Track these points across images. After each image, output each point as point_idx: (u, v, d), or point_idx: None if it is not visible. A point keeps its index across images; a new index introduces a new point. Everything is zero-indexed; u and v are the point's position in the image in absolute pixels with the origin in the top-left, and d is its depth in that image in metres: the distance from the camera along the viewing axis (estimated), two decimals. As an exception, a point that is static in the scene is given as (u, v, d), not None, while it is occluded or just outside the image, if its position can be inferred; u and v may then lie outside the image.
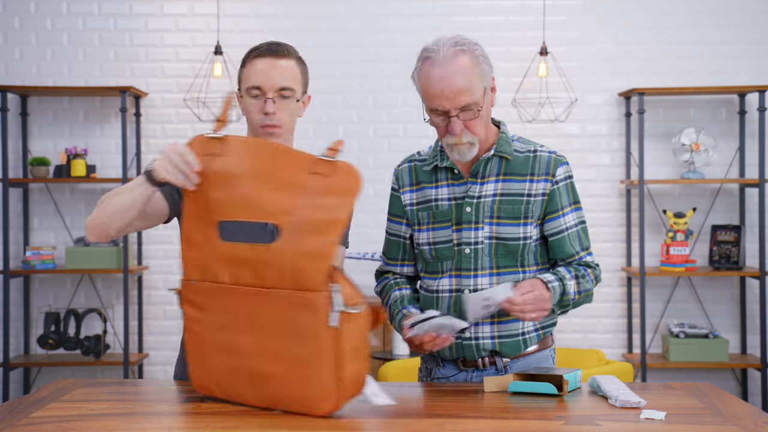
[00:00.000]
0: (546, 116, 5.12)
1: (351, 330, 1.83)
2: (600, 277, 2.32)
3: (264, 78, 2.28)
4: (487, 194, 2.24)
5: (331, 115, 5.19)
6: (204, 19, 5.16)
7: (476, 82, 2.14)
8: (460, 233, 2.25)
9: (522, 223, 2.23)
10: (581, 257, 2.29)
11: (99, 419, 1.85)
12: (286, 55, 2.32)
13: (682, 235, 4.90)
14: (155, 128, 5.18)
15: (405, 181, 2.37)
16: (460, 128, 2.16)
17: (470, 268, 2.24)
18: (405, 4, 5.18)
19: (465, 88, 2.13)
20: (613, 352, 5.14)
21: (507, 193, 2.24)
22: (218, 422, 1.82)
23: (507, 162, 2.26)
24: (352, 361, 1.83)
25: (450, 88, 2.12)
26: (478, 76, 2.15)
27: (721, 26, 5.12)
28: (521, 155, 2.27)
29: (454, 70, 2.13)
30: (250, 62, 2.30)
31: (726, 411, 1.92)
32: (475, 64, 2.15)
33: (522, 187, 2.24)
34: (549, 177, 2.25)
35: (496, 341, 2.24)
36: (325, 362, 1.82)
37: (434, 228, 2.29)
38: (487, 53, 2.21)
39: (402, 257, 2.41)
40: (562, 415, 1.89)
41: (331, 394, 1.83)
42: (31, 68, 5.15)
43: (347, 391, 1.85)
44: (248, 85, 2.29)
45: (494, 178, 2.25)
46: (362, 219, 5.12)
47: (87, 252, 4.89)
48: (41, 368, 5.15)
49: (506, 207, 2.23)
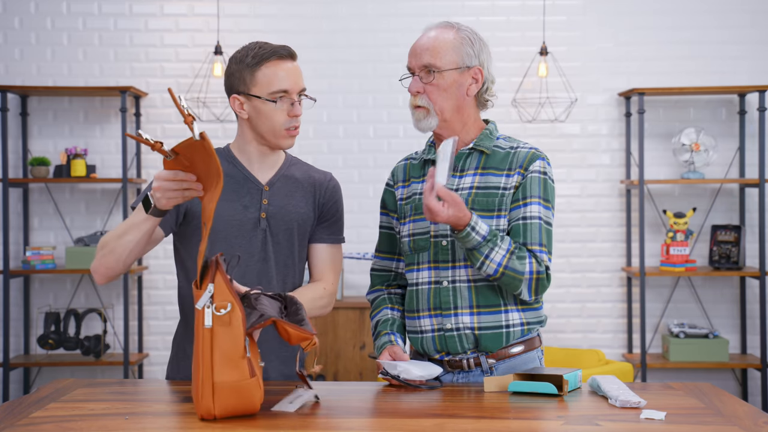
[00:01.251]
0: (546, 116, 5.12)
1: (224, 334, 1.82)
2: (543, 281, 2.20)
3: (292, 81, 2.30)
4: (464, 187, 2.27)
5: (331, 115, 5.19)
6: (204, 19, 5.16)
7: (447, 52, 2.24)
8: (437, 225, 2.27)
9: (495, 216, 2.24)
10: (533, 249, 2.21)
11: (99, 419, 1.85)
12: (294, 55, 2.35)
13: (682, 235, 4.90)
14: (155, 128, 5.18)
15: (399, 177, 2.42)
16: (418, 86, 2.26)
17: (448, 260, 2.26)
18: (405, 4, 5.18)
19: (432, 48, 2.24)
20: (613, 352, 5.14)
21: (483, 186, 2.26)
22: (218, 422, 1.82)
23: (486, 157, 2.28)
24: (223, 366, 1.81)
25: (420, 45, 2.26)
26: (453, 49, 2.25)
27: (721, 26, 5.12)
28: (502, 151, 2.29)
29: (432, 34, 2.27)
30: (266, 66, 2.28)
31: (726, 411, 1.92)
32: (457, 38, 2.26)
33: (498, 182, 2.26)
34: (521, 170, 2.25)
35: (476, 332, 2.23)
36: (203, 364, 1.82)
37: (415, 219, 2.32)
38: (481, 46, 2.29)
39: (398, 251, 2.44)
40: (562, 415, 1.89)
41: (206, 397, 1.82)
42: (31, 68, 5.15)
43: (227, 401, 1.82)
44: (273, 90, 2.27)
45: (472, 172, 2.28)
46: (362, 219, 5.13)
47: (87, 252, 4.88)
48: (41, 368, 5.15)
49: (480, 200, 2.24)
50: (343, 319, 4.84)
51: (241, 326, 1.83)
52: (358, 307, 4.83)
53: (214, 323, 1.81)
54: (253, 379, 1.83)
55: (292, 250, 2.37)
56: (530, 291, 2.21)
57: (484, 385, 2.12)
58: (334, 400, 2.05)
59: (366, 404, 2.01)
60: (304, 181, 2.42)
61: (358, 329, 4.83)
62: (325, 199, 2.43)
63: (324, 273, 2.43)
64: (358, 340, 4.83)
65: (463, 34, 2.27)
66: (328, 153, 5.17)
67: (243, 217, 2.33)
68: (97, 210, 5.16)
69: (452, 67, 2.23)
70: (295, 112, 2.31)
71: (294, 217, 2.37)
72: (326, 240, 2.43)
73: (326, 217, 2.43)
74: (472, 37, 2.27)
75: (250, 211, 2.33)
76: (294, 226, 2.36)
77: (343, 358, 4.82)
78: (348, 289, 5.14)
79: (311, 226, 2.41)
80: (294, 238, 2.37)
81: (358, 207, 5.15)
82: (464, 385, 2.22)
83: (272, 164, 2.40)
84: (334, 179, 2.48)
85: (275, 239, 2.35)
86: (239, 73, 2.31)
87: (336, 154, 5.18)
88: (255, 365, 1.86)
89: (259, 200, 2.35)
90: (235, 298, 1.83)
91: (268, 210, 2.34)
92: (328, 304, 2.41)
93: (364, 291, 5.12)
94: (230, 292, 1.83)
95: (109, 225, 5.14)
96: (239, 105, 2.32)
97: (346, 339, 4.83)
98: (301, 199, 2.39)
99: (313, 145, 5.15)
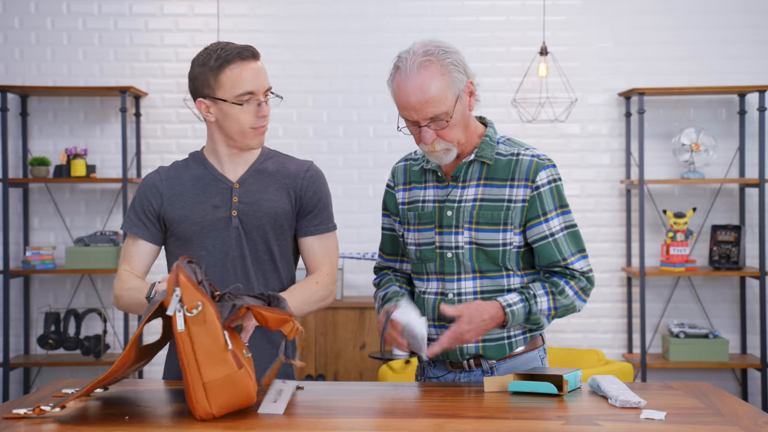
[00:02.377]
0: (546, 116, 5.12)
1: (200, 333, 1.81)
2: (588, 288, 2.25)
3: (257, 82, 2.26)
4: (467, 199, 2.23)
5: (331, 115, 5.19)
6: (204, 19, 5.16)
7: (445, 92, 2.11)
8: (442, 237, 2.25)
9: (501, 230, 2.21)
10: (570, 263, 2.22)
11: (99, 419, 1.85)
12: (257, 55, 2.30)
13: (682, 235, 4.90)
14: (155, 128, 5.18)
15: (400, 179, 2.38)
16: (431, 137, 2.15)
17: (453, 272, 2.24)
18: (405, 4, 5.18)
19: (432, 100, 2.10)
20: (613, 352, 5.14)
21: (487, 198, 2.22)
22: (219, 422, 1.82)
23: (488, 167, 2.24)
24: (208, 364, 1.81)
25: (417, 99, 2.11)
26: (447, 86, 2.11)
27: (721, 26, 5.12)
28: (504, 159, 2.24)
29: (421, 81, 2.10)
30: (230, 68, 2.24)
31: (726, 411, 1.92)
32: (444, 73, 2.11)
33: (502, 193, 2.22)
34: (528, 183, 2.20)
35: (479, 344, 2.24)
36: (189, 367, 1.82)
37: (419, 229, 2.29)
38: (461, 60, 2.15)
39: (401, 252, 2.42)
40: (562, 415, 1.89)
41: (200, 398, 1.82)
42: (31, 68, 5.15)
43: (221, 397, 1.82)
44: (238, 92, 2.25)
45: (475, 183, 2.24)
46: (362, 219, 5.13)
47: (87, 252, 4.88)
48: (41, 368, 5.15)
49: (486, 213, 2.21)
50: (343, 319, 4.84)
51: (216, 321, 1.82)
52: (358, 307, 4.83)
53: (189, 324, 1.81)
54: (242, 371, 1.83)
55: (268, 245, 2.34)
56: (582, 302, 2.26)
57: (484, 385, 2.12)
58: (334, 400, 2.05)
59: (366, 404, 2.01)
60: (279, 173, 2.38)
61: (358, 329, 4.83)
62: (303, 190, 2.37)
63: (316, 264, 2.39)
64: (358, 340, 4.83)
65: (445, 62, 2.11)
66: (328, 153, 5.17)
67: (213, 217, 2.32)
68: (97, 210, 5.16)
69: (454, 102, 2.13)
70: (262, 112, 2.28)
71: (266, 212, 2.33)
72: (313, 232, 2.39)
73: (308, 208, 2.38)
74: (452, 59, 2.13)
75: (221, 210, 2.32)
76: (266, 221, 2.33)
77: (343, 358, 4.82)
78: (348, 289, 5.14)
79: (289, 219, 2.36)
80: (268, 234, 2.34)
81: (358, 207, 5.15)
82: (464, 385, 2.22)
83: (244, 161, 2.37)
84: (313, 168, 2.41)
85: (249, 236, 2.33)
86: (203, 76, 2.27)
87: (336, 154, 5.18)
88: (241, 356, 1.86)
89: (230, 199, 2.33)
90: (204, 296, 1.82)
91: (239, 207, 2.32)
92: (325, 296, 2.37)
93: (364, 291, 5.12)
94: (198, 291, 1.82)
95: (109, 225, 5.14)
96: (205, 108, 2.30)
97: (346, 339, 4.83)
98: (274, 193, 2.35)
99: (313, 145, 5.15)
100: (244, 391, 1.84)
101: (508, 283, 2.24)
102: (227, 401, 1.83)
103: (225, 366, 1.82)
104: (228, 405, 1.84)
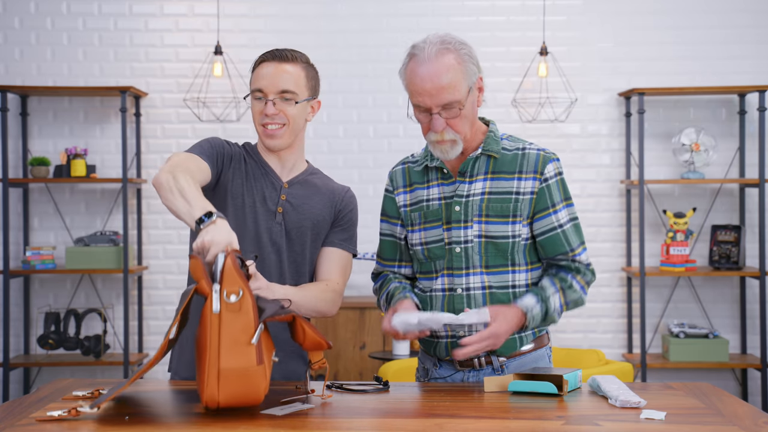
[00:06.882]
0: (546, 116, 5.12)
1: (232, 320, 1.81)
2: (591, 280, 2.33)
3: (267, 81, 2.36)
4: (475, 193, 2.26)
5: (331, 115, 5.19)
6: (204, 19, 5.16)
7: (460, 81, 2.16)
8: (450, 232, 2.26)
9: (510, 222, 2.24)
10: (576, 254, 2.28)
11: (99, 419, 1.85)
12: (291, 59, 2.40)
13: (682, 235, 4.90)
14: (155, 128, 5.18)
15: (399, 182, 2.40)
16: (442, 125, 2.19)
17: (461, 267, 2.26)
18: (405, 4, 5.18)
19: (448, 86, 2.15)
20: (613, 352, 5.14)
21: (495, 191, 2.25)
22: (219, 423, 1.82)
23: (495, 160, 2.27)
24: (230, 353, 1.80)
25: (433, 85, 2.15)
26: (462, 75, 2.17)
27: (721, 26, 5.12)
28: (509, 153, 2.28)
29: (438, 67, 2.15)
30: (258, 67, 2.40)
31: (726, 411, 1.92)
32: (460, 62, 2.17)
33: (510, 185, 2.25)
34: (537, 175, 2.25)
35: None
36: (210, 350, 1.81)
37: (426, 228, 2.31)
38: (475, 54, 2.22)
39: (399, 258, 2.42)
40: (562, 415, 1.89)
41: (212, 383, 1.81)
42: (31, 68, 5.15)
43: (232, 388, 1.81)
44: (253, 87, 2.39)
45: (482, 177, 2.27)
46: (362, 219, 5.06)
47: (87, 252, 4.88)
48: (41, 368, 5.15)
49: (494, 205, 2.24)
50: (343, 319, 4.84)
51: (251, 312, 1.82)
52: (358, 307, 4.83)
53: (223, 309, 1.81)
54: (260, 367, 1.82)
55: (303, 248, 2.40)
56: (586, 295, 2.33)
57: (484, 385, 2.13)
58: (334, 400, 2.05)
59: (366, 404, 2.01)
60: (324, 187, 2.48)
61: (358, 329, 4.83)
62: (342, 206, 2.48)
63: (330, 273, 2.44)
64: (358, 340, 4.83)
65: (461, 52, 2.17)
66: (328, 153, 5.17)
67: (262, 207, 2.38)
68: (97, 210, 5.16)
69: (467, 92, 2.18)
70: (266, 111, 2.36)
71: (309, 217, 2.41)
72: (338, 244, 2.46)
73: (341, 223, 2.47)
74: (464, 51, 2.18)
75: (269, 202, 2.39)
76: (308, 225, 2.40)
77: (343, 358, 4.82)
78: (348, 289, 5.14)
79: (326, 230, 2.45)
80: (307, 237, 2.41)
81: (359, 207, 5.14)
82: (464, 384, 2.22)
83: (292, 168, 2.46)
84: (351, 191, 2.54)
85: (289, 235, 2.39)
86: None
87: (336, 154, 5.18)
88: (265, 354, 1.85)
89: (278, 195, 2.41)
90: (246, 286, 1.84)
91: (284, 206, 2.40)
92: (333, 301, 2.40)
93: (364, 291, 5.12)
94: (241, 279, 1.84)
95: (109, 225, 5.14)
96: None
97: (346, 339, 4.83)
98: (318, 202, 2.44)
99: (313, 145, 5.15)
100: (255, 388, 1.84)
101: (513, 279, 2.26)
102: (236, 393, 1.82)
103: (245, 358, 1.81)
104: (235, 397, 1.83)
